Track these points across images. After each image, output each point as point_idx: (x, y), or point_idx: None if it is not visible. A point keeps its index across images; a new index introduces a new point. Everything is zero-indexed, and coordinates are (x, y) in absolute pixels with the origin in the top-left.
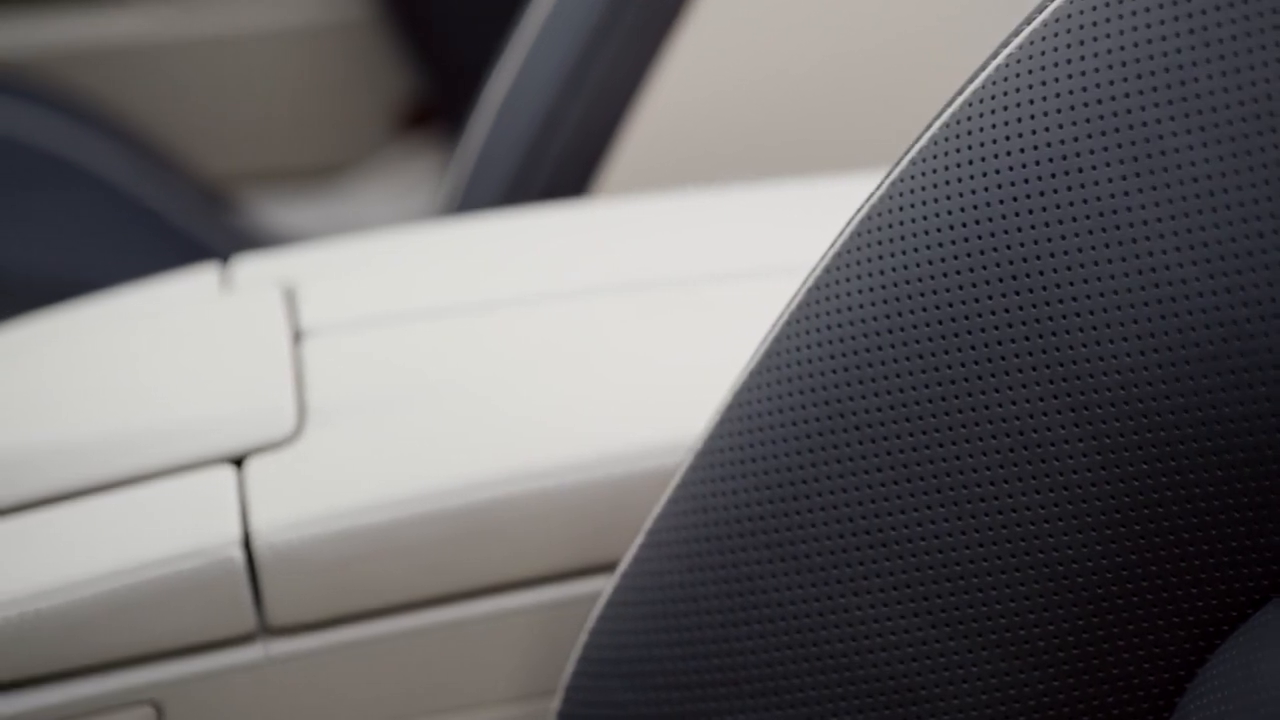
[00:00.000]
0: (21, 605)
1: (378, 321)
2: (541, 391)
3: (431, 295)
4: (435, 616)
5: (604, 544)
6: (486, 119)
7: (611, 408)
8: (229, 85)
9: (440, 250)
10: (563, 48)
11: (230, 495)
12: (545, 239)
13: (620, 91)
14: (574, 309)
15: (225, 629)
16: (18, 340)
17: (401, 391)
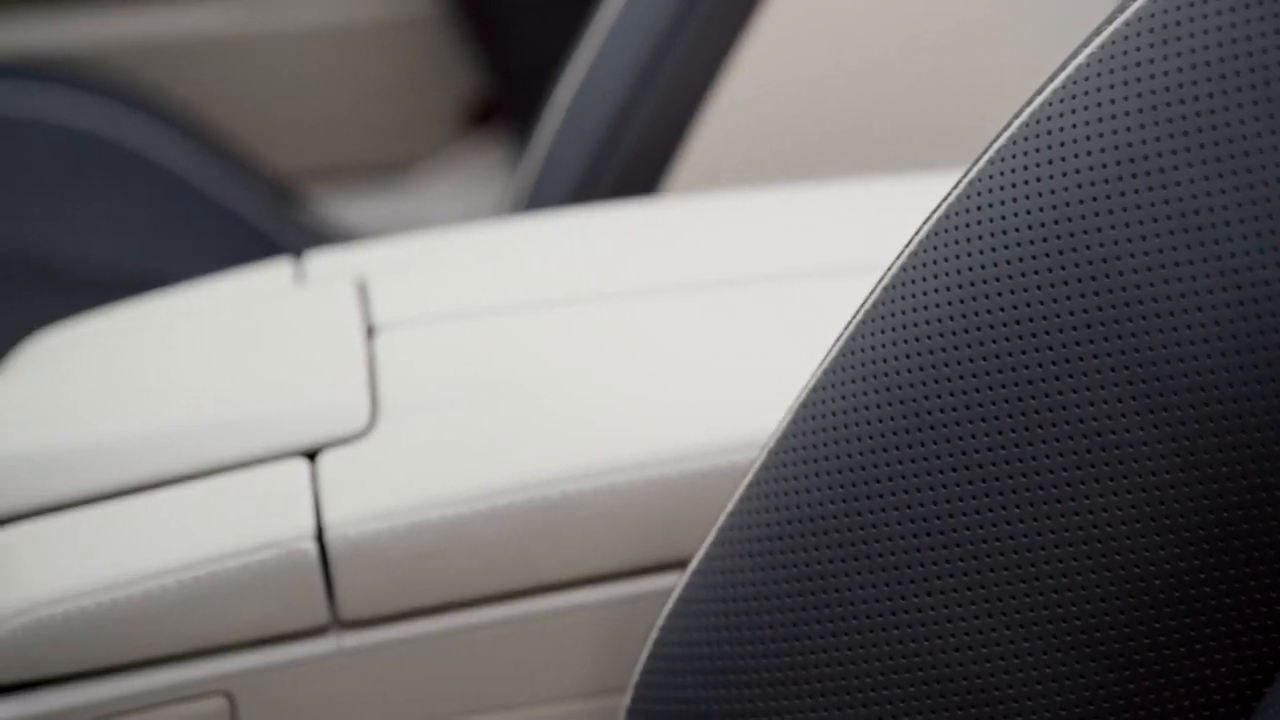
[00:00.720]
0: (99, 595)
1: (449, 317)
2: (613, 388)
3: (503, 292)
4: (506, 611)
5: (673, 541)
6: (556, 116)
7: (683, 404)
8: (296, 81)
9: (511, 247)
10: (634, 45)
11: (304, 489)
12: (616, 237)
13: (691, 89)
14: (646, 307)
15: (298, 621)
16: (96, 333)
17: (473, 387)
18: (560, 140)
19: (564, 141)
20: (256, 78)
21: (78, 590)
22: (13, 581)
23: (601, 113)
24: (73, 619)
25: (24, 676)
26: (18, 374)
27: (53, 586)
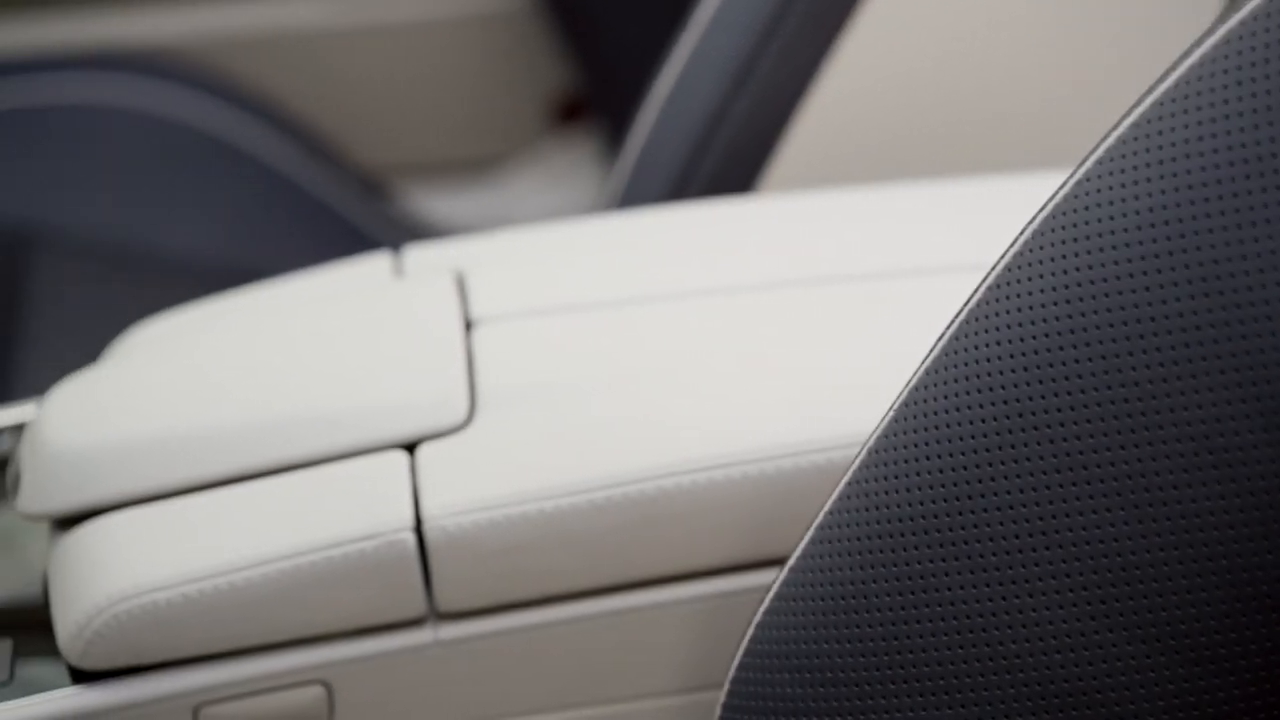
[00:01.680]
0: (200, 582)
1: (547, 312)
2: (710, 384)
3: (600, 287)
4: (601, 605)
5: (770, 537)
6: (651, 113)
7: (781, 401)
8: (386, 75)
9: (608, 242)
10: (730, 42)
11: (403, 480)
12: (712, 233)
13: (787, 87)
14: (743, 303)
15: (396, 612)
16: (197, 323)
17: (571, 381)
18: (654, 137)
19: (658, 139)
20: (346, 72)
21: (179, 577)
22: (115, 568)
23: (696, 110)
24: (174, 605)
25: (125, 662)
26: (119, 363)
27: (154, 573)
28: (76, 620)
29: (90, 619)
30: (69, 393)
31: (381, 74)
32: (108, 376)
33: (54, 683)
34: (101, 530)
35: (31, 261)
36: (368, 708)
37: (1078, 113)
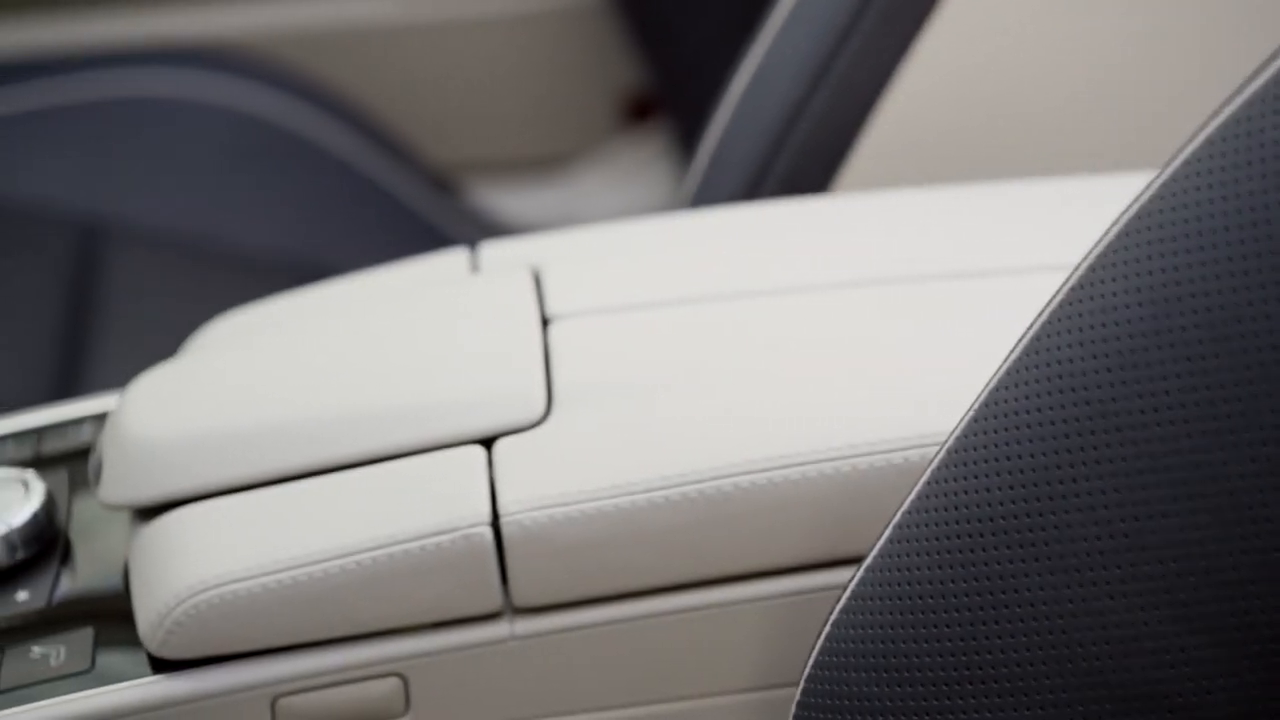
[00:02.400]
0: (278, 574)
1: (623, 308)
2: (787, 382)
3: (676, 284)
4: (675, 602)
5: (846, 536)
6: (727, 110)
7: (856, 400)
8: (455, 72)
9: (684, 240)
10: (808, 40)
11: (480, 475)
12: (789, 231)
13: (865, 85)
14: (819, 302)
15: (472, 606)
16: (275, 317)
17: (647, 378)
18: (730, 135)
19: (734, 136)
20: (418, 67)
21: (258, 568)
22: (194, 558)
23: (773, 108)
24: (253, 596)
25: (204, 652)
26: (199, 356)
27: (234, 564)
28: (156, 609)
29: (170, 608)
30: (150, 384)
31: (452, 70)
32: (188, 369)
33: (134, 671)
34: (182, 521)
35: (106, 254)
36: (443, 700)
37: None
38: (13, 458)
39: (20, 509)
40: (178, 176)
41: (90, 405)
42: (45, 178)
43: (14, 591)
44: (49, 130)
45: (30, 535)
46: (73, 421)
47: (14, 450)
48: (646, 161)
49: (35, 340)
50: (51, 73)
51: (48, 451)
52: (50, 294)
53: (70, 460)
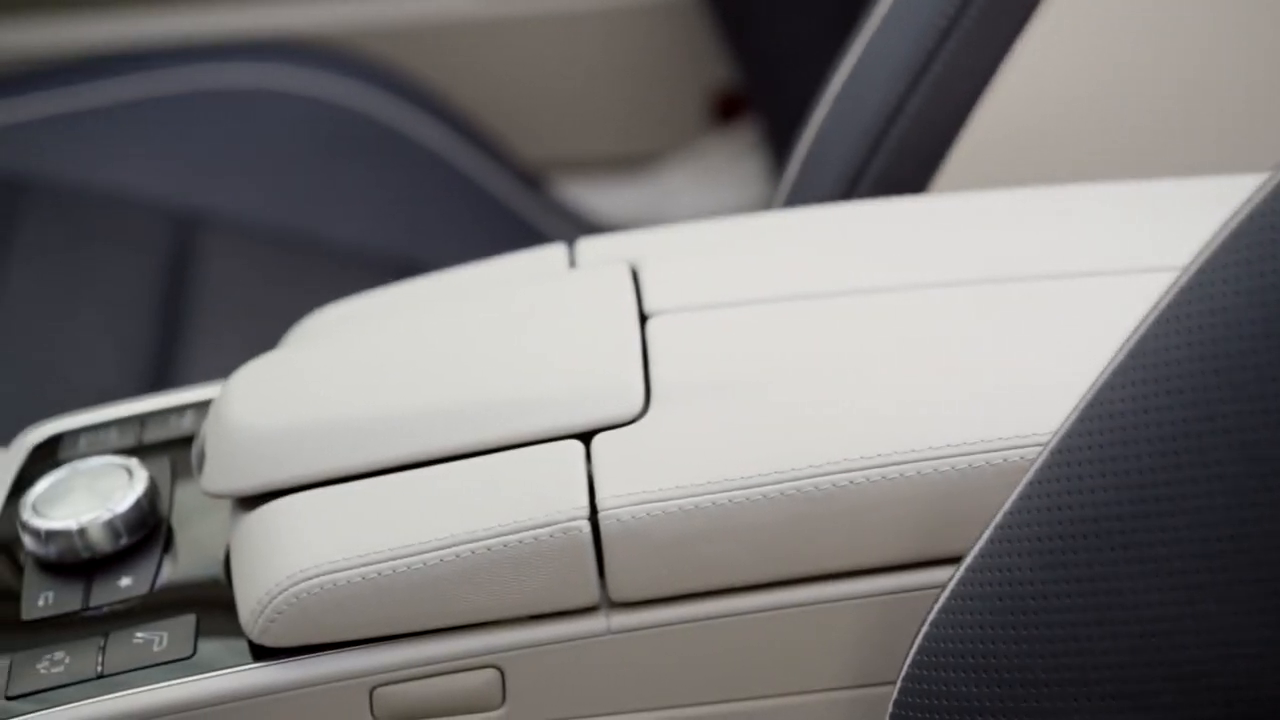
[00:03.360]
0: (378, 565)
1: (721, 305)
2: (886, 380)
3: (773, 282)
4: (772, 599)
5: (943, 535)
6: (824, 109)
7: (955, 399)
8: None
9: (781, 238)
10: (907, 39)
11: (578, 470)
12: (886, 231)
13: (964, 85)
14: (916, 301)
15: (569, 599)
16: (374, 309)
17: (745, 375)
18: (825, 134)
19: (829, 135)
20: (508, 63)
21: (358, 559)
22: (295, 548)
23: (870, 107)
24: (353, 586)
25: (304, 640)
26: (300, 347)
27: (334, 554)
28: (257, 598)
29: (271, 597)
30: (253, 375)
31: (540, 66)
32: (290, 360)
33: (235, 659)
34: (283, 510)
35: (201, 245)
36: (538, 693)
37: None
38: (116, 445)
39: (124, 496)
40: (271, 169)
41: (191, 394)
42: (141, 169)
43: (118, 577)
44: (145, 122)
45: (134, 522)
46: (174, 409)
47: (117, 438)
48: (735, 160)
49: (133, 329)
50: (147, 65)
51: (150, 439)
52: (146, 284)
53: (172, 448)
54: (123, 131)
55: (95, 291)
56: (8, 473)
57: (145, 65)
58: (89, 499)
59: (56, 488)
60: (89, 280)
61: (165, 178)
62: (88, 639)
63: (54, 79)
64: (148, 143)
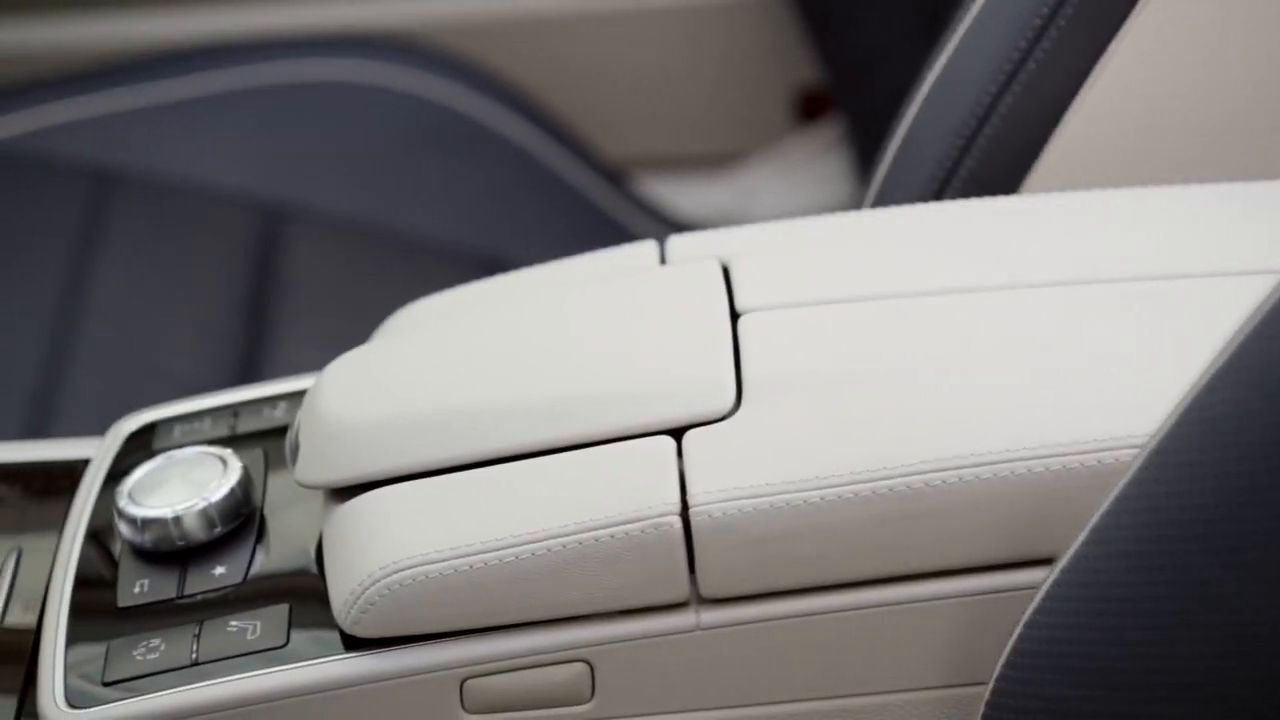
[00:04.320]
0: (470, 557)
1: (813, 303)
2: (978, 380)
3: (865, 280)
4: (862, 597)
5: (1035, 536)
6: (914, 108)
7: (1050, 400)
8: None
9: (872, 236)
10: (1000, 38)
11: (670, 466)
12: (979, 230)
13: (1058, 85)
14: (1011, 301)
15: (659, 595)
16: (467, 303)
17: (837, 373)
18: (917, 134)
19: (921, 135)
20: (592, 60)
21: (450, 551)
22: (388, 540)
23: (962, 107)
24: (445, 578)
25: (396, 632)
26: (393, 340)
27: (426, 546)
28: (350, 588)
29: (363, 588)
30: (346, 367)
31: (624, 63)
32: (383, 352)
33: (327, 649)
34: (377, 502)
35: (288, 237)
36: (627, 687)
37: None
38: (209, 435)
39: (219, 486)
40: (357, 162)
41: (284, 385)
42: (229, 162)
43: (212, 566)
44: (233, 115)
45: (227, 511)
46: (267, 400)
47: (210, 428)
48: (818, 158)
49: (219, 320)
50: (235, 59)
51: (243, 430)
52: (233, 275)
53: (265, 439)
54: (211, 124)
55: (183, 282)
56: (103, 461)
57: (233, 59)
58: (184, 488)
59: (152, 476)
60: (177, 271)
61: (252, 170)
62: (182, 627)
63: (144, 72)
64: (235, 136)
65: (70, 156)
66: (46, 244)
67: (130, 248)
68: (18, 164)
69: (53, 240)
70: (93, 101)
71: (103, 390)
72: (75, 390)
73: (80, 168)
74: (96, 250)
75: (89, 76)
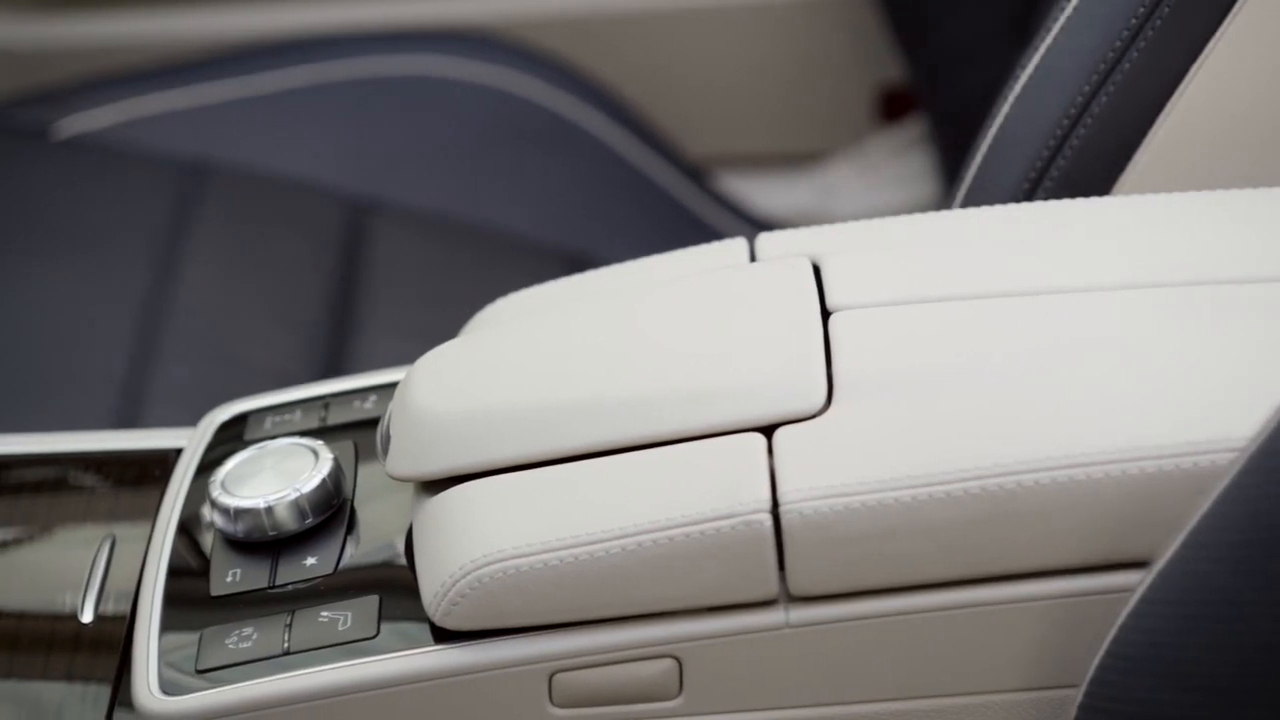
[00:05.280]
0: (561, 551)
1: (904, 301)
2: (1072, 381)
3: (956, 279)
4: (952, 597)
5: (1129, 539)
6: (1006, 106)
7: (1145, 402)
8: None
9: (963, 236)
10: (1094, 37)
11: (760, 463)
12: (1073, 230)
13: (1153, 86)
14: (1104, 302)
15: (748, 592)
16: (556, 299)
17: (928, 372)
18: (1008, 133)
19: (1012, 135)
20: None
21: (540, 545)
22: (479, 533)
23: (1055, 107)
24: (535, 572)
25: (485, 624)
26: (483, 335)
27: (517, 540)
28: (441, 581)
29: (454, 580)
30: (438, 360)
31: (707, 60)
32: (474, 346)
33: (417, 640)
34: (468, 495)
35: (374, 230)
36: (715, 684)
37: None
38: (300, 427)
39: (310, 477)
40: (442, 156)
41: (374, 377)
42: (315, 154)
43: (303, 557)
44: (320, 108)
45: (319, 503)
46: (358, 392)
47: (301, 419)
48: (900, 157)
49: (305, 311)
50: (322, 53)
51: (333, 421)
52: (319, 268)
53: (355, 430)
54: (299, 118)
55: (269, 274)
56: (195, 451)
57: (321, 54)
58: (276, 479)
59: (245, 467)
60: (263, 263)
61: (339, 164)
62: (274, 616)
63: (234, 66)
64: (323, 129)
65: (162, 148)
66: (137, 235)
67: (218, 239)
68: (110, 155)
69: (143, 231)
70: (183, 94)
71: (190, 380)
72: (163, 380)
73: (171, 159)
74: (185, 241)
75: (180, 70)
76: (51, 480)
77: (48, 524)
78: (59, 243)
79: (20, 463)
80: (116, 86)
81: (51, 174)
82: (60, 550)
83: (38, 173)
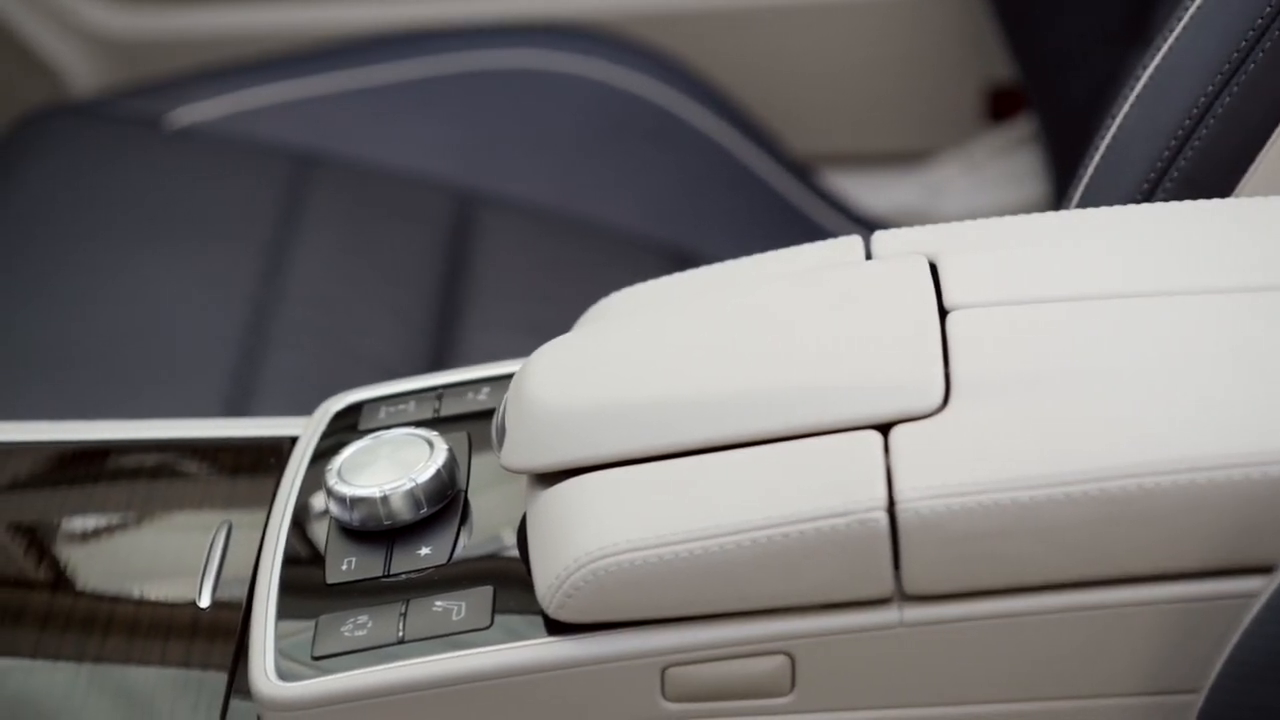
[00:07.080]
0: (675, 546)
1: (1023, 301)
2: (1193, 383)
3: (1076, 280)
4: (1069, 599)
5: (1250, 543)
6: (1126, 105)
7: (1268, 406)
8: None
9: (1082, 236)
10: (1218, 37)
11: (877, 461)
12: (1194, 232)
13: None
14: (1227, 305)
15: (862, 590)
16: (670, 294)
17: (1047, 372)
18: (1127, 133)
19: (1132, 135)
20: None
21: (655, 539)
22: (593, 526)
23: (1176, 107)
24: (649, 566)
25: (599, 617)
26: (598, 329)
27: (632, 533)
28: (555, 573)
29: (568, 573)
30: (553, 354)
31: (814, 56)
32: (588, 340)
33: (531, 632)
34: (582, 488)
35: (480, 220)
36: (827, 681)
37: None
38: (414, 417)
39: (425, 467)
40: (550, 149)
41: (487, 369)
42: (424, 146)
43: (417, 546)
44: (430, 100)
45: (433, 493)
46: (471, 384)
47: (415, 410)
48: (1008, 157)
49: (413, 302)
50: (430, 46)
51: (447, 412)
52: (427, 258)
53: (468, 422)
54: (409, 110)
55: (378, 265)
56: (311, 439)
57: (430, 47)
58: (391, 469)
59: (361, 456)
60: (372, 253)
61: (447, 156)
62: (389, 605)
63: (345, 58)
64: (432, 121)
65: (273, 139)
66: (248, 225)
67: (328, 229)
68: (222, 145)
69: (254, 221)
70: (295, 86)
71: (298, 369)
72: (273, 369)
73: (282, 150)
74: (296, 231)
75: (291, 62)
76: (168, 466)
77: (165, 510)
78: (171, 232)
79: (137, 448)
80: (229, 78)
81: (165, 164)
82: (178, 536)
83: (151, 163)
